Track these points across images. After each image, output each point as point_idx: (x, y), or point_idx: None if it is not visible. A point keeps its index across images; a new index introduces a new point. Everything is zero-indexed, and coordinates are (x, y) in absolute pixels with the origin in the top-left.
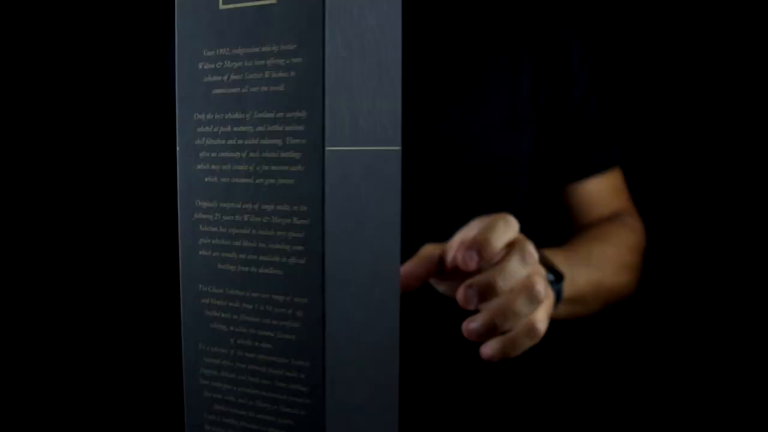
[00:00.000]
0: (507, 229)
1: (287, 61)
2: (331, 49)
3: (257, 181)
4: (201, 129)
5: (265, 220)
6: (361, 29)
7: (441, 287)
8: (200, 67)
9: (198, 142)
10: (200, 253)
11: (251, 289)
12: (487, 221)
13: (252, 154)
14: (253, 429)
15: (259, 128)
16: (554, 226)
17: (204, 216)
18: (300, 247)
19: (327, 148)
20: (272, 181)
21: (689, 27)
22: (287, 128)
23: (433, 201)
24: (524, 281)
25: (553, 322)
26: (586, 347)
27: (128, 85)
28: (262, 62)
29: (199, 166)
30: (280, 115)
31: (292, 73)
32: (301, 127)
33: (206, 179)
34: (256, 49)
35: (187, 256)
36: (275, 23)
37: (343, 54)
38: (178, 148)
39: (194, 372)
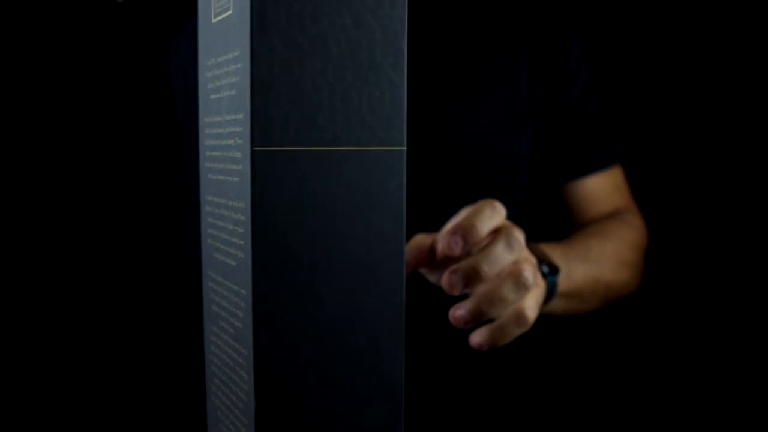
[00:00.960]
0: (493, 214)
1: (236, 67)
2: (262, 52)
3: (225, 179)
4: (206, 131)
5: (229, 215)
6: (321, 29)
7: (432, 277)
8: (206, 75)
9: (205, 142)
10: (207, 241)
11: (224, 277)
12: (473, 207)
13: (224, 154)
14: (229, 405)
15: (226, 130)
16: (553, 226)
17: (208, 209)
18: (242, 242)
19: (255, 149)
20: (231, 178)
21: (690, 24)
22: (236, 129)
23: (431, 200)
24: (511, 267)
25: (553, 319)
26: (586, 346)
27: (130, 88)
28: (227, 68)
29: (206, 164)
30: (233, 117)
31: (237, 78)
32: (240, 129)
33: (209, 176)
34: (224, 57)
35: (203, 243)
36: (231, 32)
37: (284, 55)
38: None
39: (207, 347)
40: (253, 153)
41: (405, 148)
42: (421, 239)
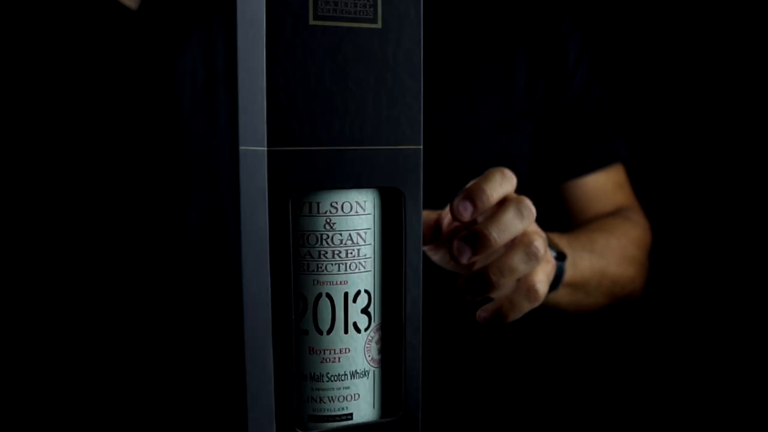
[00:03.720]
0: (503, 181)
1: None
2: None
3: None
4: None
5: None
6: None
7: (435, 256)
8: None
9: None
10: None
11: None
12: (483, 174)
13: None
14: None
15: None
16: (552, 225)
17: None
18: None
19: (241, 148)
20: None
21: (693, 22)
22: None
23: (428, 199)
24: (521, 236)
25: (560, 317)
26: (589, 345)
27: (138, 91)
28: None
29: None
30: None
31: None
32: None
33: None
34: None
35: None
36: None
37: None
38: None
39: None
40: (239, 152)
41: (266, 148)
42: (426, 215)
